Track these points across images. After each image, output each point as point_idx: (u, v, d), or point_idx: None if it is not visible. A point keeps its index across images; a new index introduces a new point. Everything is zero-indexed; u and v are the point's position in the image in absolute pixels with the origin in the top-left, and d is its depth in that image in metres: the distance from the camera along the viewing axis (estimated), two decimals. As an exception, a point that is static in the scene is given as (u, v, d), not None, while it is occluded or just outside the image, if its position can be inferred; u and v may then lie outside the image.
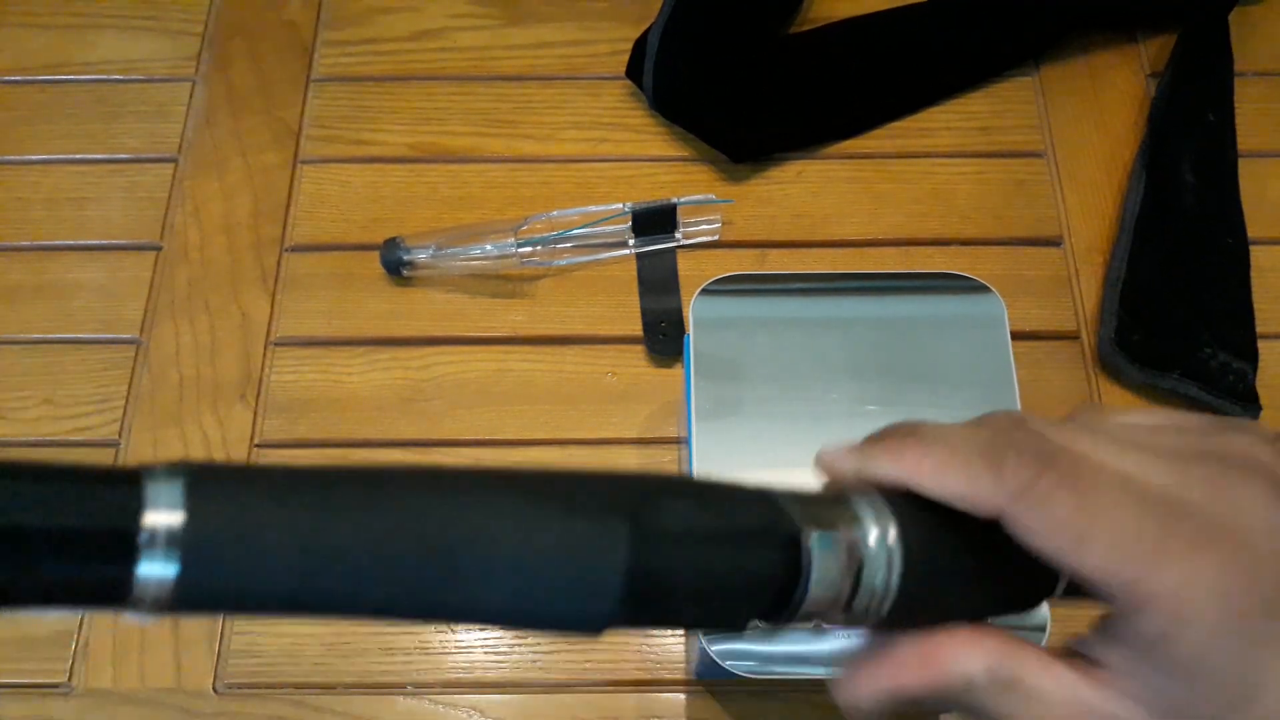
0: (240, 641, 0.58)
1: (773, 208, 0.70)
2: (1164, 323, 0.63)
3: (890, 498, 0.28)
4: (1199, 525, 0.25)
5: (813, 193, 0.70)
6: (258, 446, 0.63)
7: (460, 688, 0.57)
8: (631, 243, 0.68)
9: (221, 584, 0.22)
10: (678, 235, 0.68)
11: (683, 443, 0.60)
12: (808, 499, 0.28)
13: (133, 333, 0.66)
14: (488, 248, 0.65)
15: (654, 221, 0.67)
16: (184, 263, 0.68)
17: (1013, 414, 0.28)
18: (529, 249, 0.66)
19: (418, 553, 0.23)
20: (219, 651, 0.57)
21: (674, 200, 0.67)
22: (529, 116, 0.73)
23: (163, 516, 0.22)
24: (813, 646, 0.47)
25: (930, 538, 0.27)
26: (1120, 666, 0.26)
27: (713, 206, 0.68)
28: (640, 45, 0.73)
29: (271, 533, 0.22)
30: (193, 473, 0.22)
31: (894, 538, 0.27)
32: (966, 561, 0.28)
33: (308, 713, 0.56)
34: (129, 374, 0.65)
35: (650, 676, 0.57)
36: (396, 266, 0.66)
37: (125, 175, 0.72)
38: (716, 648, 0.47)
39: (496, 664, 0.58)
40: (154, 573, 0.21)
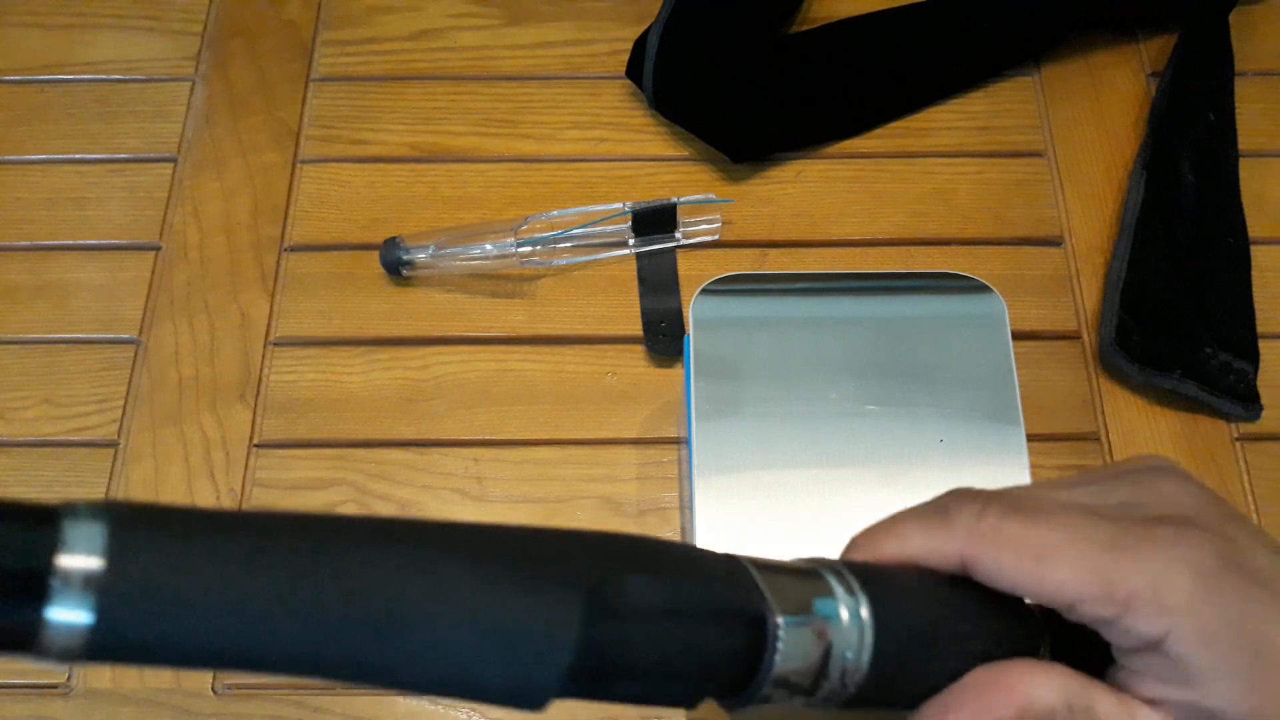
0: (240, 642, 0.57)
1: (773, 208, 0.69)
2: (1165, 323, 0.63)
3: (863, 568, 0.27)
4: (1146, 520, 0.27)
5: (813, 193, 0.70)
6: (257, 446, 0.63)
7: (460, 688, 0.57)
8: (631, 242, 0.68)
9: (139, 636, 0.21)
10: (678, 235, 0.68)
11: (683, 443, 0.59)
12: (777, 570, 0.27)
13: (132, 333, 0.66)
14: (487, 248, 0.65)
15: (654, 221, 0.67)
16: (183, 263, 0.68)
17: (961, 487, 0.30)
18: (529, 249, 0.66)
19: (356, 620, 0.22)
20: (218, 652, 0.57)
21: (674, 200, 0.67)
22: (529, 116, 0.73)
23: (79, 560, 0.20)
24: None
25: (905, 608, 0.27)
26: (1157, 692, 0.26)
27: (713, 206, 0.68)
28: (640, 45, 0.73)
29: (198, 586, 0.21)
30: (118, 516, 0.21)
31: (866, 613, 0.26)
32: (946, 627, 0.27)
33: (307, 713, 0.56)
34: (128, 374, 0.65)
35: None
36: (396, 266, 0.66)
37: (125, 175, 0.72)
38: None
39: (496, 664, 0.57)
40: (64, 619, 0.20)
